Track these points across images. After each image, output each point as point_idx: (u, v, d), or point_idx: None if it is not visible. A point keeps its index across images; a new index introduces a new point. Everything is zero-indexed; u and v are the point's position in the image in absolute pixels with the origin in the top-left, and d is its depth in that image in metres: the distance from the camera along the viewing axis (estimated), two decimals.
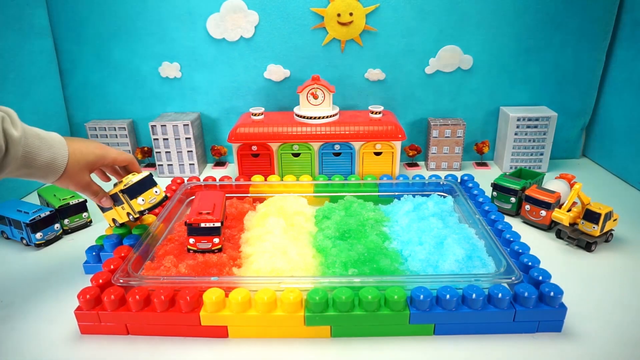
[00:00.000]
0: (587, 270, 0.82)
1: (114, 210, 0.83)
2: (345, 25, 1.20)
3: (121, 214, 0.82)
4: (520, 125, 1.21)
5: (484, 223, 0.84)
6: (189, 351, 0.66)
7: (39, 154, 0.67)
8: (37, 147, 0.67)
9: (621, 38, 1.19)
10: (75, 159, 0.71)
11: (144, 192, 0.81)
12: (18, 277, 0.83)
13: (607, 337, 0.66)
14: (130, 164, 0.82)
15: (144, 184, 0.81)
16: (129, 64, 1.27)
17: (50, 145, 0.68)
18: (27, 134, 0.66)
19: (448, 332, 0.67)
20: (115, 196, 0.80)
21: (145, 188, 0.81)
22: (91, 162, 0.74)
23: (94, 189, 0.77)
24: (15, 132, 0.63)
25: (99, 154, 0.76)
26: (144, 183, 0.81)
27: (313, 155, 1.16)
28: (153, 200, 0.82)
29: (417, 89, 1.28)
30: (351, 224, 0.87)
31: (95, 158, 0.75)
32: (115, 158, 0.79)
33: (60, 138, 0.71)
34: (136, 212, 0.81)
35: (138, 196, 0.80)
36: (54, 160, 0.68)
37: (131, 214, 0.81)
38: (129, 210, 0.81)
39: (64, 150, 0.70)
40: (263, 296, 0.65)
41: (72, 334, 0.69)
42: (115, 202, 0.81)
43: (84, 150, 0.73)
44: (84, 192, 0.77)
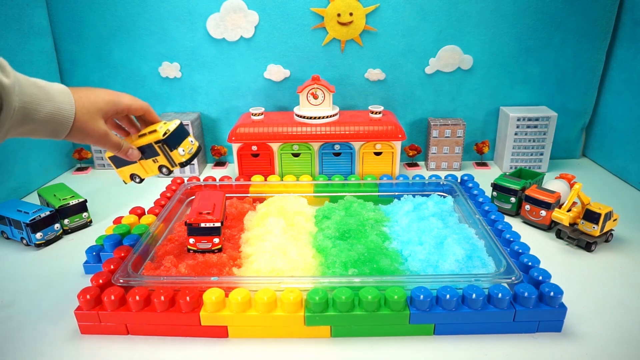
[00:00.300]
0: (587, 270, 0.82)
1: (138, 165, 0.73)
2: (345, 25, 1.20)
3: (148, 168, 0.73)
4: (520, 125, 1.21)
5: (484, 223, 0.84)
6: (189, 351, 0.66)
7: (41, 105, 0.57)
8: (36, 96, 0.56)
9: (621, 38, 1.19)
10: (83, 106, 0.61)
11: (182, 142, 0.72)
12: (18, 277, 0.84)
13: (607, 337, 0.66)
14: (147, 112, 0.71)
15: (180, 133, 0.72)
16: (129, 64, 1.27)
17: (51, 95, 0.58)
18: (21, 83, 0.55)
19: (448, 332, 0.67)
20: (147, 148, 0.70)
21: (182, 137, 0.72)
22: (103, 110, 0.64)
23: (114, 139, 0.66)
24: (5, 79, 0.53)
25: (110, 99, 0.65)
26: (180, 132, 0.72)
27: (313, 155, 1.16)
28: (191, 151, 0.73)
29: (417, 89, 1.28)
30: (351, 224, 0.87)
31: (106, 105, 0.64)
32: (129, 105, 0.68)
33: (62, 86, 0.61)
34: (176, 164, 0.72)
35: (178, 146, 0.70)
36: (59, 110, 0.59)
37: (166, 167, 0.72)
38: (164, 163, 0.71)
39: (69, 97, 0.60)
40: (263, 296, 0.66)
41: (72, 334, 0.69)
42: (142, 156, 0.71)
43: (92, 97, 0.63)
44: (103, 145, 0.66)
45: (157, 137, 0.69)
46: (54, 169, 1.29)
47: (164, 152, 0.70)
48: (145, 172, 0.74)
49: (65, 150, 1.33)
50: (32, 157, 1.18)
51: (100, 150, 1.32)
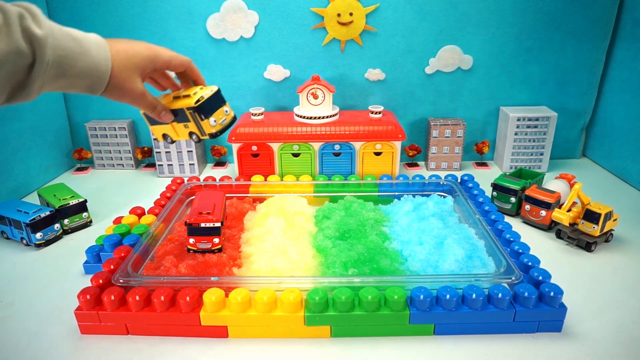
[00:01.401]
0: (587, 270, 0.82)
1: (170, 127, 0.70)
2: (345, 25, 1.20)
3: (180, 132, 0.70)
4: (520, 125, 1.21)
5: (484, 223, 0.84)
6: (189, 351, 0.66)
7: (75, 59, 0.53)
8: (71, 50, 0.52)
9: (621, 38, 1.19)
10: (121, 62, 0.58)
11: (216, 111, 0.67)
12: (18, 277, 0.83)
13: (607, 337, 0.66)
14: (189, 68, 0.67)
15: (215, 101, 0.67)
16: None
17: (87, 49, 0.54)
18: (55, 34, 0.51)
19: (448, 332, 0.67)
20: (179, 112, 0.67)
21: (217, 106, 0.68)
22: (141, 66, 0.60)
23: (150, 100, 0.63)
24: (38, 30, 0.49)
25: (149, 55, 0.61)
26: (215, 100, 0.67)
27: (313, 155, 1.16)
28: (224, 122, 0.69)
29: (417, 89, 1.28)
30: (351, 224, 0.87)
31: (143, 61, 0.60)
32: (169, 60, 0.64)
33: (99, 38, 0.56)
34: (205, 134, 0.68)
35: (210, 116, 0.66)
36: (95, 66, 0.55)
37: (196, 134, 0.69)
38: (194, 130, 0.68)
39: (106, 52, 0.56)
40: (263, 296, 0.65)
41: (72, 334, 0.69)
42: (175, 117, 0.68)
43: (129, 52, 0.59)
44: (139, 105, 0.63)
45: (189, 104, 0.65)
46: (54, 169, 1.29)
47: (195, 120, 0.67)
48: (176, 135, 0.71)
49: (65, 150, 1.33)
50: (32, 157, 1.18)
51: (100, 150, 1.32)
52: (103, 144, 1.32)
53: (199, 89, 0.67)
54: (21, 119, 1.14)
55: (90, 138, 1.31)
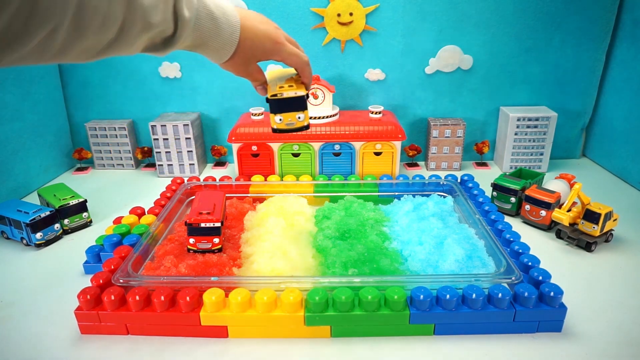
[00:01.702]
0: (587, 270, 0.82)
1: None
2: (345, 25, 1.20)
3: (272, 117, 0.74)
4: (520, 125, 1.21)
5: (484, 223, 0.84)
6: (189, 351, 0.66)
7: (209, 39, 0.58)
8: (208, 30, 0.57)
9: (621, 38, 1.19)
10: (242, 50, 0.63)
11: (287, 112, 0.72)
12: (18, 277, 0.83)
13: (607, 337, 0.66)
14: (301, 71, 0.71)
15: (292, 104, 0.71)
16: (129, 64, 1.27)
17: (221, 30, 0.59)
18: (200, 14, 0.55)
19: (448, 332, 0.67)
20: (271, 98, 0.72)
21: (291, 108, 0.72)
22: (259, 57, 0.66)
23: (256, 76, 0.69)
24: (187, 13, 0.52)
25: (270, 49, 0.66)
26: (292, 102, 0.71)
27: (313, 155, 1.16)
28: (291, 124, 0.73)
29: (417, 89, 1.28)
30: (351, 224, 0.87)
31: (263, 54, 0.66)
32: (285, 58, 0.68)
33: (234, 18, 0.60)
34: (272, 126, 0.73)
35: (279, 113, 0.71)
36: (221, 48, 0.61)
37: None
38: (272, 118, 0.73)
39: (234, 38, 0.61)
40: (263, 296, 0.65)
41: (72, 334, 0.69)
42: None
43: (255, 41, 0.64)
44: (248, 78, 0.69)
45: (271, 93, 0.70)
46: (54, 169, 1.29)
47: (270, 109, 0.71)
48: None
49: (65, 150, 1.33)
50: (32, 157, 1.18)
51: (100, 150, 1.32)
52: (103, 144, 1.32)
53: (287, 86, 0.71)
54: (21, 119, 1.14)
55: (90, 138, 1.31)
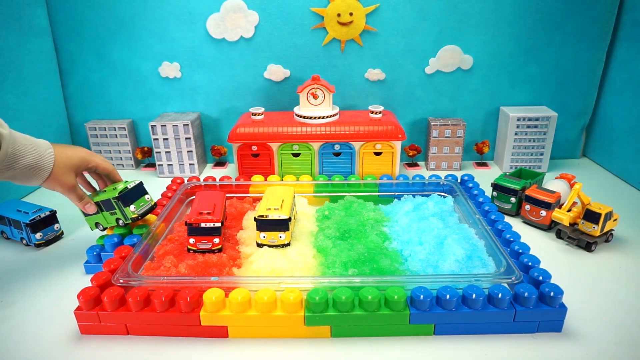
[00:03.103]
0: (587, 270, 0.82)
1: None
2: (345, 25, 1.20)
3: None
4: (520, 125, 1.21)
5: (484, 223, 0.84)
6: (189, 351, 0.66)
7: (27, 153, 0.69)
8: (25, 146, 0.69)
9: (621, 38, 1.19)
10: (61, 159, 0.75)
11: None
12: (18, 277, 0.83)
13: (608, 337, 0.66)
14: (112, 173, 0.84)
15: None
16: (129, 64, 1.27)
17: (36, 145, 0.71)
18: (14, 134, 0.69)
19: (448, 332, 0.67)
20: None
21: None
22: (76, 165, 0.77)
23: (79, 192, 0.80)
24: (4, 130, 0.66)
25: (84, 157, 0.79)
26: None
27: (313, 155, 1.16)
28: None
29: (417, 89, 1.28)
30: (351, 224, 0.87)
31: (79, 161, 0.78)
32: (99, 163, 0.82)
33: (45, 141, 0.74)
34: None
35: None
36: (40, 159, 0.71)
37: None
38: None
39: (50, 150, 0.73)
40: (263, 296, 0.65)
41: (72, 334, 0.69)
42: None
43: (69, 153, 0.77)
44: (69, 195, 0.79)
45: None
46: None
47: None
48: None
49: None
50: None
51: (100, 150, 1.32)
52: (103, 144, 1.32)
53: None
54: (21, 119, 1.14)
55: (90, 138, 1.31)
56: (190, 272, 0.75)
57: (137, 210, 0.83)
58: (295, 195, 0.93)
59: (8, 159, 0.67)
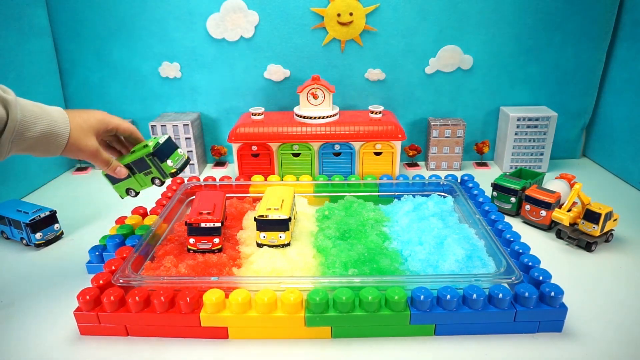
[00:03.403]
0: (587, 270, 0.82)
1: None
2: (345, 25, 1.20)
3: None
4: (520, 125, 1.21)
5: (484, 223, 0.84)
6: (189, 352, 0.66)
7: (39, 119, 0.63)
8: (35, 112, 0.63)
9: (621, 38, 1.19)
10: (77, 123, 0.67)
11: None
12: (18, 277, 0.83)
13: (608, 337, 0.66)
14: (134, 133, 0.77)
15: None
16: (129, 64, 1.27)
17: (48, 113, 0.64)
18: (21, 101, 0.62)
19: (449, 332, 0.67)
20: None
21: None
22: (95, 127, 0.70)
23: (104, 156, 0.72)
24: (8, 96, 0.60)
25: (101, 118, 0.71)
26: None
27: (313, 155, 1.16)
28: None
29: (417, 89, 1.28)
30: (351, 224, 0.87)
31: (97, 123, 0.70)
32: (119, 124, 0.74)
33: (58, 107, 0.67)
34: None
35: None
36: (54, 125, 0.64)
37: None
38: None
39: (64, 115, 0.66)
40: (263, 297, 0.65)
41: (72, 334, 0.69)
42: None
43: (84, 116, 0.69)
44: (94, 161, 0.71)
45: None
46: (54, 169, 1.29)
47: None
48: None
49: None
50: (32, 157, 1.17)
51: None
52: None
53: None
54: None
55: None
56: (191, 272, 0.75)
57: (175, 165, 0.77)
58: (295, 195, 0.93)
59: (19, 128, 0.61)
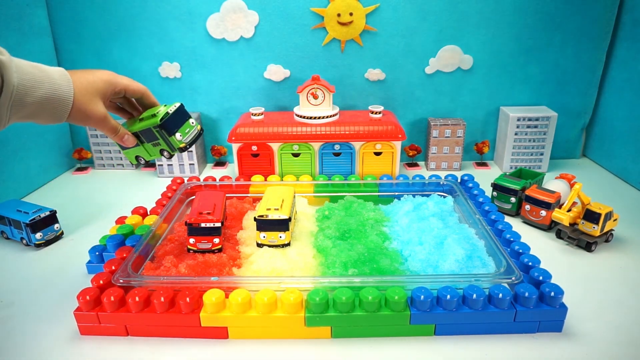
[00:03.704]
0: (587, 270, 0.82)
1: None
2: (345, 25, 1.20)
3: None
4: (520, 125, 1.21)
5: (484, 223, 0.84)
6: (189, 352, 0.66)
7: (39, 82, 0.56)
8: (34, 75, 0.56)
9: (621, 38, 1.19)
10: (82, 86, 0.61)
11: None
12: (18, 277, 0.83)
13: (608, 337, 0.66)
14: (145, 94, 0.70)
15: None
16: (129, 64, 1.27)
17: (49, 75, 0.57)
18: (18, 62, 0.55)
19: (449, 332, 0.67)
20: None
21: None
22: (101, 90, 0.63)
23: (112, 123, 0.66)
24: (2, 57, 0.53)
25: (108, 79, 0.64)
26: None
27: (313, 155, 1.16)
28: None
29: (417, 89, 1.28)
30: (351, 224, 0.87)
31: (104, 84, 0.63)
32: (127, 85, 0.67)
33: (60, 68, 0.60)
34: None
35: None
36: (58, 88, 0.58)
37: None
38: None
39: (67, 77, 0.59)
40: (263, 297, 0.65)
41: (72, 334, 0.69)
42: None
43: (90, 78, 0.62)
44: (102, 127, 0.66)
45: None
46: (54, 169, 1.29)
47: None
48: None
49: (65, 150, 1.33)
50: (32, 157, 1.18)
51: (100, 150, 1.32)
52: (103, 144, 1.32)
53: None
54: None
55: (90, 138, 1.31)
56: (190, 272, 0.75)
57: (184, 138, 0.70)
58: (295, 195, 0.93)
59: (18, 93, 0.54)
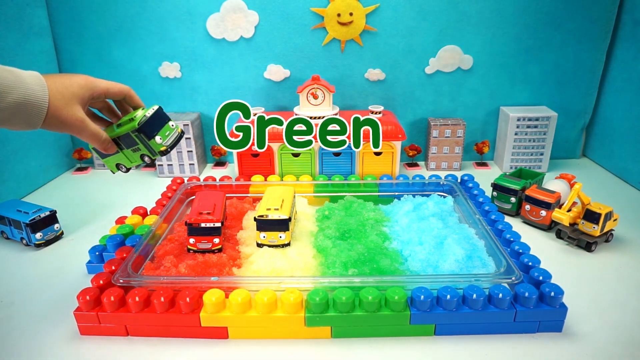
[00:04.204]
0: (587, 270, 0.82)
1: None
2: (345, 25, 1.20)
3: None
4: (520, 125, 1.21)
5: (484, 223, 0.84)
6: (189, 352, 0.66)
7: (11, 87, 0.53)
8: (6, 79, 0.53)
9: (621, 38, 1.19)
10: (57, 91, 0.57)
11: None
12: (18, 277, 0.83)
13: (608, 337, 0.66)
14: (128, 95, 0.66)
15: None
16: (129, 64, 1.27)
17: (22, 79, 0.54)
18: None
19: (449, 332, 0.67)
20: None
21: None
22: (78, 95, 0.59)
23: (92, 128, 0.61)
24: None
25: (85, 84, 0.60)
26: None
27: (313, 155, 1.16)
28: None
29: (417, 89, 1.28)
30: (351, 224, 0.87)
31: (81, 89, 0.59)
32: (107, 88, 0.63)
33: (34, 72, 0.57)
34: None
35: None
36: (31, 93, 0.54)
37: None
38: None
39: (41, 81, 0.56)
40: (263, 297, 0.65)
41: (72, 334, 0.69)
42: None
43: (66, 82, 0.58)
44: (81, 134, 0.61)
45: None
46: (54, 169, 1.29)
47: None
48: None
49: (65, 150, 1.33)
50: (32, 157, 1.18)
51: None
52: None
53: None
54: None
55: None
56: (190, 272, 0.75)
57: (165, 141, 0.68)
58: (295, 195, 0.93)
59: None
